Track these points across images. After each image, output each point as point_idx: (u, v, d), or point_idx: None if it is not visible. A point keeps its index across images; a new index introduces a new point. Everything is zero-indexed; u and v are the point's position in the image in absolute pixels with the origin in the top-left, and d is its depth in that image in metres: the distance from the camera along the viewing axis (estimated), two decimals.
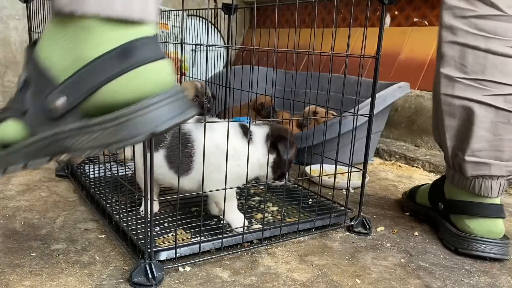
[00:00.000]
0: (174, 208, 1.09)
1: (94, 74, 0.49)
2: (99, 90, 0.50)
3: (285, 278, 0.85)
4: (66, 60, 0.50)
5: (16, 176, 1.38)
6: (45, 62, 0.51)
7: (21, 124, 0.56)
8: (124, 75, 0.49)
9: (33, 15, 1.86)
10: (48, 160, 0.57)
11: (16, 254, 0.89)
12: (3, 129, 0.56)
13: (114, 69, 0.49)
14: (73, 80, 0.50)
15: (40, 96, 0.53)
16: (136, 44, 0.50)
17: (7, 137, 0.56)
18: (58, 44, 0.51)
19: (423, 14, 2.08)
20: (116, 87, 0.50)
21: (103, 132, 0.51)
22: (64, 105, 0.52)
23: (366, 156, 1.07)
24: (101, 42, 0.49)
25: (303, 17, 2.70)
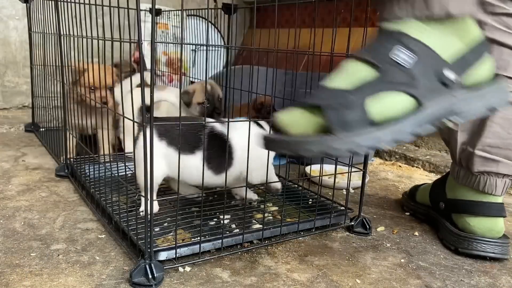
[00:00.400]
0: (174, 208, 1.09)
1: (473, 55, 0.68)
2: (473, 68, 0.68)
3: (285, 278, 0.85)
4: (450, 48, 0.67)
5: (16, 176, 1.38)
6: (434, 48, 0.66)
7: (408, 96, 0.65)
8: (487, 57, 0.69)
9: (33, 15, 1.86)
10: (434, 128, 0.68)
11: (16, 254, 0.89)
12: (385, 103, 0.65)
13: (484, 53, 0.69)
14: (460, 61, 0.67)
15: (430, 69, 0.66)
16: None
17: (394, 106, 0.65)
18: (440, 38, 0.67)
19: None
20: (485, 66, 0.70)
21: (480, 98, 0.68)
22: (454, 79, 0.67)
23: (366, 156, 1.07)
24: (472, 32, 0.68)
25: (303, 17, 2.70)
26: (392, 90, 0.65)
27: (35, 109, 2.00)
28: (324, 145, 0.64)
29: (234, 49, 2.56)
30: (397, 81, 0.65)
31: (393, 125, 0.65)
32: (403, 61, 0.66)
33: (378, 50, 0.68)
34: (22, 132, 2.02)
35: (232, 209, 1.12)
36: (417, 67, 0.66)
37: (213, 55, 2.07)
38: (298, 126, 0.67)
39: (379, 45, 0.68)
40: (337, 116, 0.64)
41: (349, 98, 0.64)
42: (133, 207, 1.03)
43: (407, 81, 0.65)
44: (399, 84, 0.65)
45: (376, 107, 0.65)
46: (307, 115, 0.67)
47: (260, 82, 1.38)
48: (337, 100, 0.65)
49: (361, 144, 0.63)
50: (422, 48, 0.66)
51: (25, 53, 2.43)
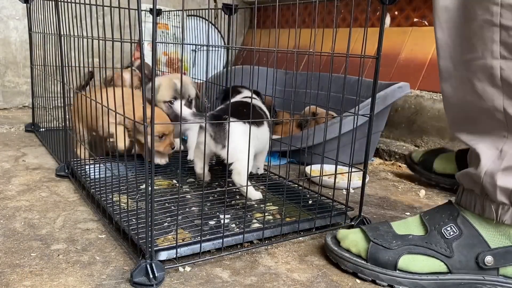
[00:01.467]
0: (174, 207, 1.09)
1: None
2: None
3: (285, 278, 0.85)
4: (497, 239, 0.80)
5: (16, 176, 1.38)
6: (482, 234, 0.81)
7: (442, 263, 0.81)
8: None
9: (33, 15, 1.86)
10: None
11: (16, 254, 0.89)
12: (428, 264, 0.82)
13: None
14: (503, 251, 0.79)
15: (472, 250, 0.80)
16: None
17: (423, 268, 0.82)
18: (492, 232, 0.81)
19: (423, 14, 2.08)
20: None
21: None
22: (490, 263, 0.79)
23: (366, 156, 1.07)
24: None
25: (303, 17, 2.70)
26: (429, 255, 0.82)
27: (35, 109, 2.01)
28: (354, 265, 0.86)
29: (234, 49, 2.56)
30: (434, 249, 0.82)
31: (416, 277, 0.81)
32: (447, 234, 0.82)
33: (435, 218, 0.85)
34: (22, 132, 2.02)
35: (232, 209, 1.12)
36: (458, 243, 0.81)
37: (213, 55, 2.07)
38: (348, 242, 0.89)
39: (439, 215, 0.86)
40: (375, 252, 0.84)
41: (390, 244, 0.84)
42: (133, 206, 1.03)
43: (443, 251, 0.81)
44: (434, 251, 0.82)
45: (405, 262, 0.82)
46: (359, 237, 0.89)
47: (261, 82, 1.39)
48: (382, 240, 0.85)
49: (381, 278, 0.83)
50: (471, 231, 0.81)
51: (25, 53, 2.44)
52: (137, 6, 0.70)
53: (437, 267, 0.81)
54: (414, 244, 0.83)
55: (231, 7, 1.61)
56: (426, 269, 0.82)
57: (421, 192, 1.45)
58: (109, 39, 0.90)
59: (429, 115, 1.90)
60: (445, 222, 0.84)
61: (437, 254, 0.81)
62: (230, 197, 1.21)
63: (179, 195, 0.86)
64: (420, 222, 0.87)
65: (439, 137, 1.86)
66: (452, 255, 0.81)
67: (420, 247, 0.83)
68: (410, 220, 0.90)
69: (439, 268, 0.81)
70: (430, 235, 0.83)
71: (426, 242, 0.83)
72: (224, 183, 1.30)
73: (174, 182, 1.30)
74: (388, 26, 2.24)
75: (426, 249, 0.82)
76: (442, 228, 0.83)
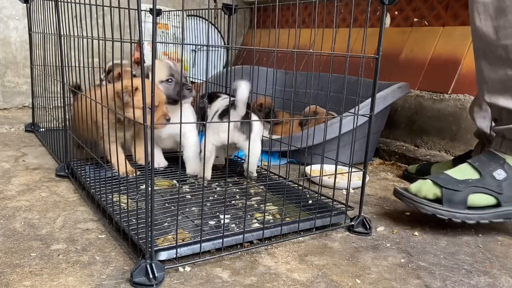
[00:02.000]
0: (174, 207, 1.09)
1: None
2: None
3: (285, 278, 0.85)
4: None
5: (16, 176, 1.38)
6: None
7: (495, 199, 1.09)
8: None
9: (33, 15, 1.86)
10: (504, 221, 1.12)
11: (16, 254, 0.89)
12: (487, 200, 1.09)
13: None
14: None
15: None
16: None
17: (480, 202, 1.09)
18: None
19: (422, 14, 2.08)
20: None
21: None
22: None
23: (366, 156, 1.07)
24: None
25: (303, 17, 2.70)
26: (486, 193, 1.08)
27: (35, 109, 2.01)
28: (434, 208, 1.08)
29: (234, 49, 2.56)
30: (490, 188, 1.08)
31: (480, 211, 1.08)
32: (498, 177, 1.09)
33: (485, 165, 1.11)
34: (22, 132, 2.02)
35: (232, 209, 1.12)
36: (507, 183, 1.09)
37: (213, 55, 2.07)
38: (422, 191, 1.11)
39: (487, 161, 1.12)
40: (449, 195, 1.08)
41: (458, 187, 1.08)
42: (133, 207, 1.03)
43: (496, 189, 1.08)
44: (490, 190, 1.08)
45: (473, 200, 1.08)
46: (431, 186, 1.11)
47: (261, 82, 1.39)
48: (452, 185, 1.09)
49: (456, 217, 1.07)
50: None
51: (25, 53, 2.44)
52: (137, 6, 0.70)
53: (490, 201, 1.09)
54: (474, 185, 1.08)
55: (231, 7, 1.61)
56: (484, 202, 1.08)
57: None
58: (109, 39, 0.90)
59: (429, 115, 1.90)
60: (494, 167, 1.10)
61: (492, 192, 1.08)
62: (230, 197, 1.21)
63: (179, 195, 0.86)
64: (472, 168, 1.12)
65: (439, 137, 1.86)
66: (503, 192, 1.09)
67: (480, 187, 1.08)
68: (463, 167, 1.14)
69: (492, 202, 1.09)
70: (485, 177, 1.09)
71: (483, 183, 1.09)
72: (224, 183, 1.30)
73: (174, 182, 1.30)
74: (388, 26, 2.24)
75: (484, 189, 1.08)
76: (493, 172, 1.10)
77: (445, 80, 1.88)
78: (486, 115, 1.39)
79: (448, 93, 1.85)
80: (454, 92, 1.84)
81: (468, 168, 1.13)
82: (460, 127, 1.79)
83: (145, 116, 0.74)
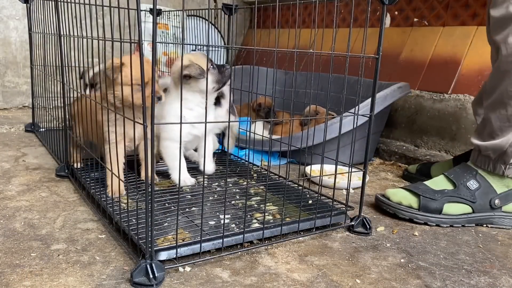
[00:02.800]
0: (174, 208, 1.09)
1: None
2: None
3: (285, 278, 0.85)
4: (501, 187, 1.19)
5: (16, 176, 1.38)
6: (493, 185, 1.19)
7: (469, 207, 1.18)
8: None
9: (33, 15, 1.86)
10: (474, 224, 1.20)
11: (16, 254, 0.89)
12: (461, 208, 1.18)
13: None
14: (505, 195, 1.19)
15: (487, 196, 1.18)
16: None
17: (457, 211, 1.17)
18: (498, 182, 1.19)
19: (422, 14, 2.08)
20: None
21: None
22: (498, 204, 1.19)
23: (366, 156, 1.07)
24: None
25: (303, 17, 2.70)
26: (460, 202, 1.18)
27: (35, 109, 2.01)
28: (411, 214, 1.18)
29: (234, 49, 2.56)
30: (464, 197, 1.18)
31: (453, 218, 1.17)
32: (471, 187, 1.19)
33: (459, 176, 1.21)
34: (22, 132, 2.02)
35: (232, 209, 1.12)
36: (478, 192, 1.18)
37: (213, 55, 2.07)
38: (398, 197, 1.21)
39: (462, 173, 1.21)
40: (425, 203, 1.18)
41: (435, 196, 1.18)
42: (133, 207, 1.03)
43: (470, 198, 1.18)
44: (464, 199, 1.18)
45: (448, 209, 1.17)
46: (408, 194, 1.21)
47: (261, 82, 1.39)
48: (428, 194, 1.19)
49: (431, 221, 1.17)
50: (486, 184, 1.19)
51: (25, 53, 2.44)
52: (137, 6, 0.70)
53: (466, 210, 1.18)
54: (450, 195, 1.18)
55: (231, 7, 1.61)
56: (460, 211, 1.17)
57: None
58: (109, 39, 0.90)
59: (429, 115, 1.90)
60: (467, 178, 1.20)
61: (466, 201, 1.17)
62: (230, 197, 1.21)
63: (179, 195, 0.86)
64: (447, 179, 1.22)
65: (439, 137, 1.86)
66: (476, 201, 1.17)
67: (454, 197, 1.18)
68: (439, 179, 1.23)
69: (468, 210, 1.18)
70: (459, 188, 1.19)
71: (457, 193, 1.18)
72: (224, 183, 1.30)
73: (174, 182, 1.30)
74: (388, 26, 2.24)
75: (458, 198, 1.18)
76: (467, 183, 1.19)
77: (445, 80, 1.88)
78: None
79: (448, 93, 1.85)
80: (454, 92, 1.84)
81: (444, 180, 1.23)
82: (460, 127, 1.79)
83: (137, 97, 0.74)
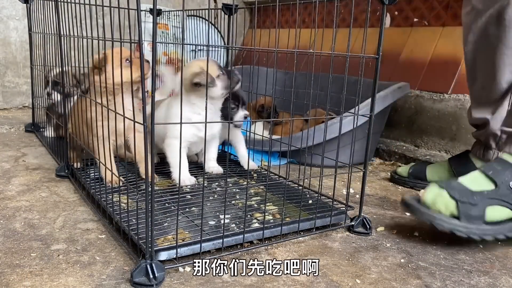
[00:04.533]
0: (174, 208, 1.09)
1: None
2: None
3: (285, 278, 0.85)
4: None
5: (16, 176, 1.38)
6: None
7: (510, 211, 1.02)
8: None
9: (33, 15, 1.86)
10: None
11: (16, 254, 0.89)
12: (504, 213, 1.02)
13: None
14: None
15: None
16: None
17: (500, 216, 1.02)
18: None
19: (422, 14, 2.08)
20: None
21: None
22: None
23: (367, 156, 1.07)
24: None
25: (303, 17, 2.70)
26: (503, 206, 1.02)
27: (35, 110, 2.01)
28: (452, 225, 0.99)
29: (234, 49, 2.56)
30: (507, 200, 1.01)
31: (496, 226, 1.01)
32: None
33: (500, 174, 1.04)
34: (22, 132, 2.02)
35: (232, 209, 1.12)
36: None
37: (213, 56, 2.07)
38: (436, 204, 1.02)
39: (502, 171, 1.04)
40: (466, 210, 1.00)
41: (474, 200, 1.01)
42: (133, 207, 1.03)
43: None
44: (507, 202, 1.01)
45: (491, 214, 1.00)
46: (446, 198, 1.02)
47: (261, 82, 1.39)
48: (467, 198, 1.01)
49: (476, 233, 0.99)
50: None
51: (25, 53, 2.44)
52: (137, 6, 0.70)
53: (509, 215, 1.02)
54: (490, 197, 1.02)
55: (231, 7, 1.61)
56: (503, 216, 1.02)
57: (421, 192, 1.44)
58: (109, 39, 0.90)
59: (429, 115, 1.90)
60: (509, 177, 1.03)
61: (509, 205, 1.02)
62: (230, 197, 1.20)
63: (179, 195, 0.86)
64: (485, 177, 1.05)
65: (439, 137, 1.86)
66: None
67: (495, 199, 1.02)
68: (476, 176, 1.07)
69: (509, 215, 1.02)
70: (501, 188, 1.02)
71: (499, 195, 1.02)
72: (224, 183, 1.30)
73: (174, 182, 1.30)
74: (388, 26, 2.24)
75: (500, 201, 1.01)
76: (510, 182, 1.03)
77: (445, 80, 1.88)
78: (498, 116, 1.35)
79: (448, 93, 1.85)
80: (454, 92, 1.84)
81: (482, 178, 1.06)
82: (460, 127, 1.79)
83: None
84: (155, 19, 0.73)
